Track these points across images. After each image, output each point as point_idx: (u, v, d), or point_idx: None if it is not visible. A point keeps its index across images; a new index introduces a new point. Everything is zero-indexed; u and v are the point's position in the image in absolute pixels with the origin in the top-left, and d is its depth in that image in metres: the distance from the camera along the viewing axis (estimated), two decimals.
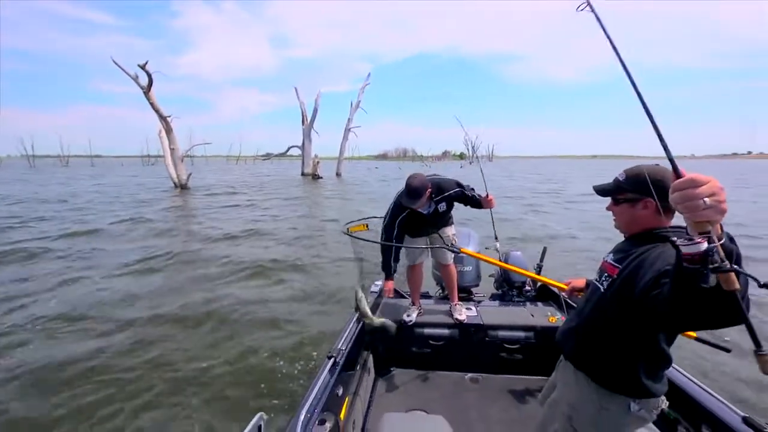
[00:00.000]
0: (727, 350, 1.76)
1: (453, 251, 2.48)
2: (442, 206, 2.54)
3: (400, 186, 2.46)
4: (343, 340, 2.11)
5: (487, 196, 2.52)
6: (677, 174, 0.75)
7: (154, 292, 5.12)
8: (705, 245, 0.69)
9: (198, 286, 5.30)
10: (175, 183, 20.06)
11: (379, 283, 3.07)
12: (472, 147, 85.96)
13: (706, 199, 0.68)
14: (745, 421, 1.39)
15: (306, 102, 31.11)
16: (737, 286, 0.69)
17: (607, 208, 1.30)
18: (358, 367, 2.20)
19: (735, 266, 0.69)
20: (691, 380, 1.70)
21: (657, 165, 1.18)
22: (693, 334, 1.78)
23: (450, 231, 2.72)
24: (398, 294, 3.08)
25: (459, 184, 2.55)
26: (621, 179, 1.22)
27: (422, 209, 2.48)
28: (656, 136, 0.82)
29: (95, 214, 11.72)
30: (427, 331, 2.61)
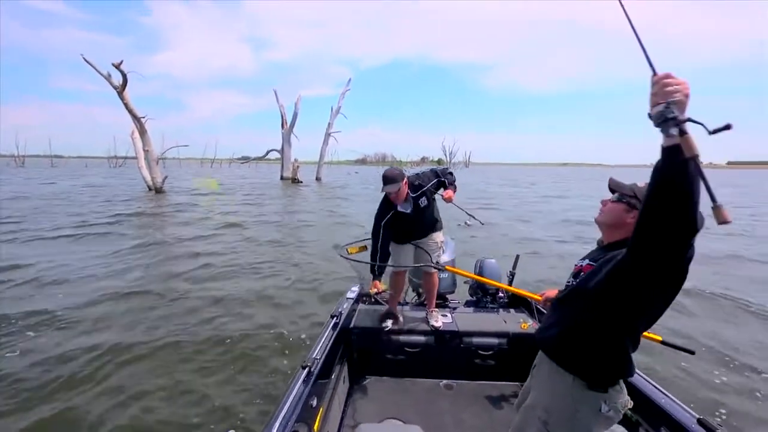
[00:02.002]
0: (692, 352, 1.85)
1: (438, 269, 2.55)
2: (423, 201, 2.58)
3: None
4: (318, 349, 2.10)
5: (446, 191, 2.62)
6: (655, 73, 0.91)
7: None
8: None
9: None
10: (149, 186, 19.46)
11: (356, 288, 3.08)
12: (450, 153, 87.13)
13: (676, 86, 0.87)
14: (700, 422, 1.48)
15: (285, 105, 30.87)
16: (696, 152, 0.82)
17: (603, 201, 1.34)
18: (332, 376, 2.19)
19: (690, 118, 0.84)
20: (650, 383, 1.78)
21: None
22: (658, 337, 1.86)
23: (439, 237, 2.74)
24: (375, 301, 3.09)
25: (435, 174, 2.64)
26: (642, 187, 1.26)
27: (404, 208, 2.53)
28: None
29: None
30: (403, 338, 2.63)
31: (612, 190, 1.36)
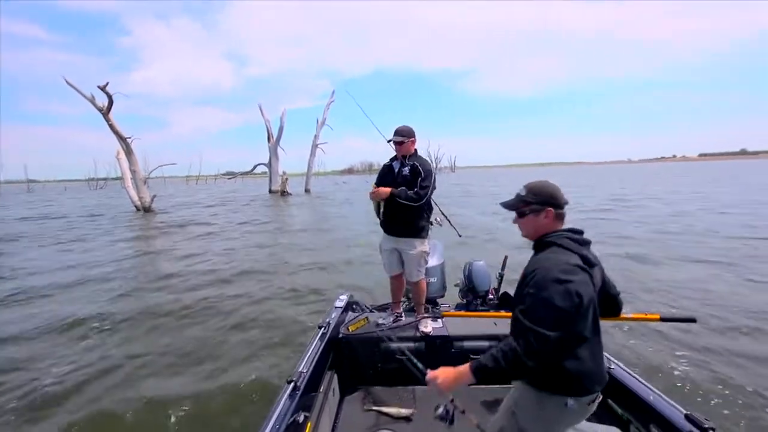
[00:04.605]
0: (693, 320, 1.90)
1: (435, 317, 2.72)
2: (406, 170, 2.64)
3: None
4: (304, 362, 2.05)
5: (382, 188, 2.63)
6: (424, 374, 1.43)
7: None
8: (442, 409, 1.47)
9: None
10: (137, 206, 19.19)
11: (344, 297, 3.04)
12: (435, 158, 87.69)
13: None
14: (687, 417, 1.51)
15: (270, 119, 30.72)
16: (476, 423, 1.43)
17: (514, 221, 1.42)
18: (321, 389, 2.14)
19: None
20: (639, 381, 1.80)
21: (546, 180, 1.37)
22: (656, 316, 1.90)
23: (422, 246, 2.68)
24: (364, 309, 3.05)
25: (431, 175, 2.62)
26: (523, 194, 1.36)
27: (396, 164, 2.71)
28: None
29: None
30: (393, 345, 2.59)
31: (510, 209, 1.44)
